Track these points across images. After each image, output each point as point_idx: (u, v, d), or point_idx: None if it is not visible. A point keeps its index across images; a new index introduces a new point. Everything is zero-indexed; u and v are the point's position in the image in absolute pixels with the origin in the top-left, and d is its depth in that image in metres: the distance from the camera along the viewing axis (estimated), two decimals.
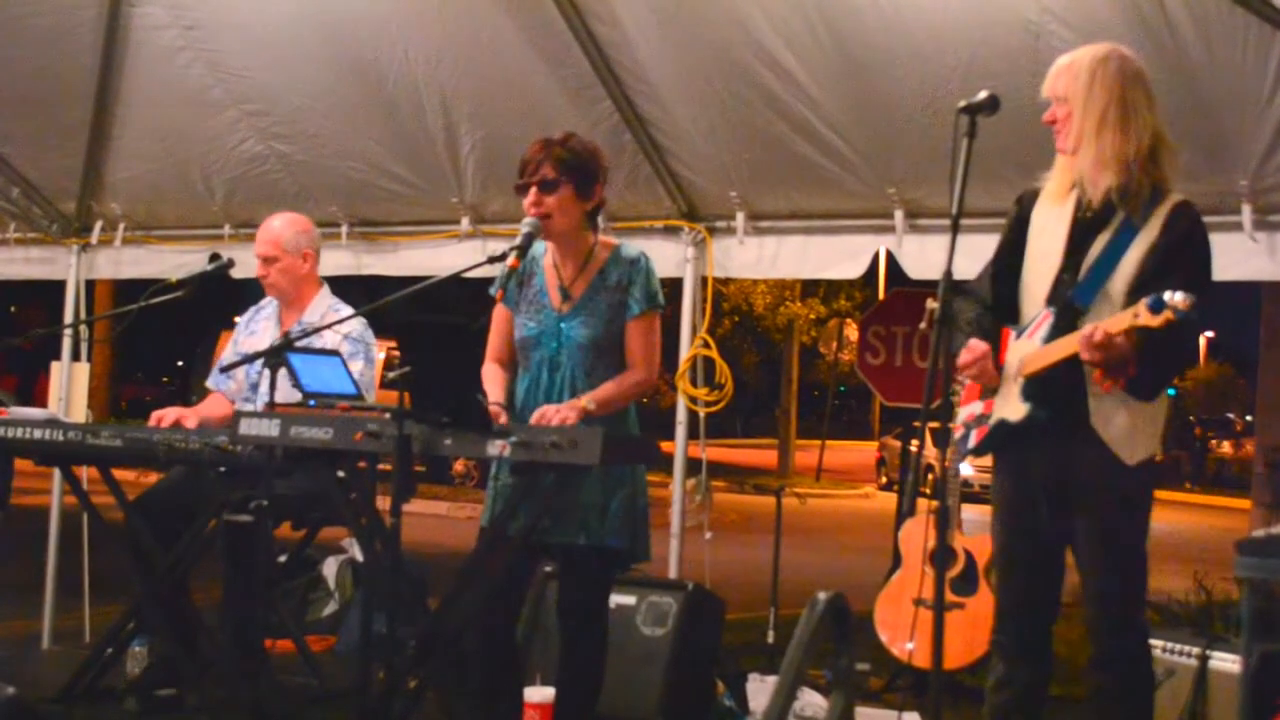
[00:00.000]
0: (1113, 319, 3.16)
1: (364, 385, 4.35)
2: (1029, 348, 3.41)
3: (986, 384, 3.54)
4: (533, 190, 3.76)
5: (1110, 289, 3.32)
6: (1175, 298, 3.00)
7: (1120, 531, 3.38)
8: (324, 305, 4.92)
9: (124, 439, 4.48)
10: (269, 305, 5.06)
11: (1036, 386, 3.37)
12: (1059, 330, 3.33)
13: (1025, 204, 3.58)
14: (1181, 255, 3.30)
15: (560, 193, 3.77)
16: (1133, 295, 3.23)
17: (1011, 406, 3.43)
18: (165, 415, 4.75)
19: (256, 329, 5.02)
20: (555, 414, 3.64)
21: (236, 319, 5.25)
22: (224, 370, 4.81)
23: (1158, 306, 3.01)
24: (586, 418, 3.66)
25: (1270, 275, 4.58)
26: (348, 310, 4.82)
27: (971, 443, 3.60)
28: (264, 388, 4.68)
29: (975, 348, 3.46)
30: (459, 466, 17.26)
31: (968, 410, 3.64)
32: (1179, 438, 32.53)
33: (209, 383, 5.09)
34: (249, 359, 4.36)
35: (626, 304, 3.84)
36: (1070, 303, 3.35)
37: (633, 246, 3.95)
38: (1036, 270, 3.48)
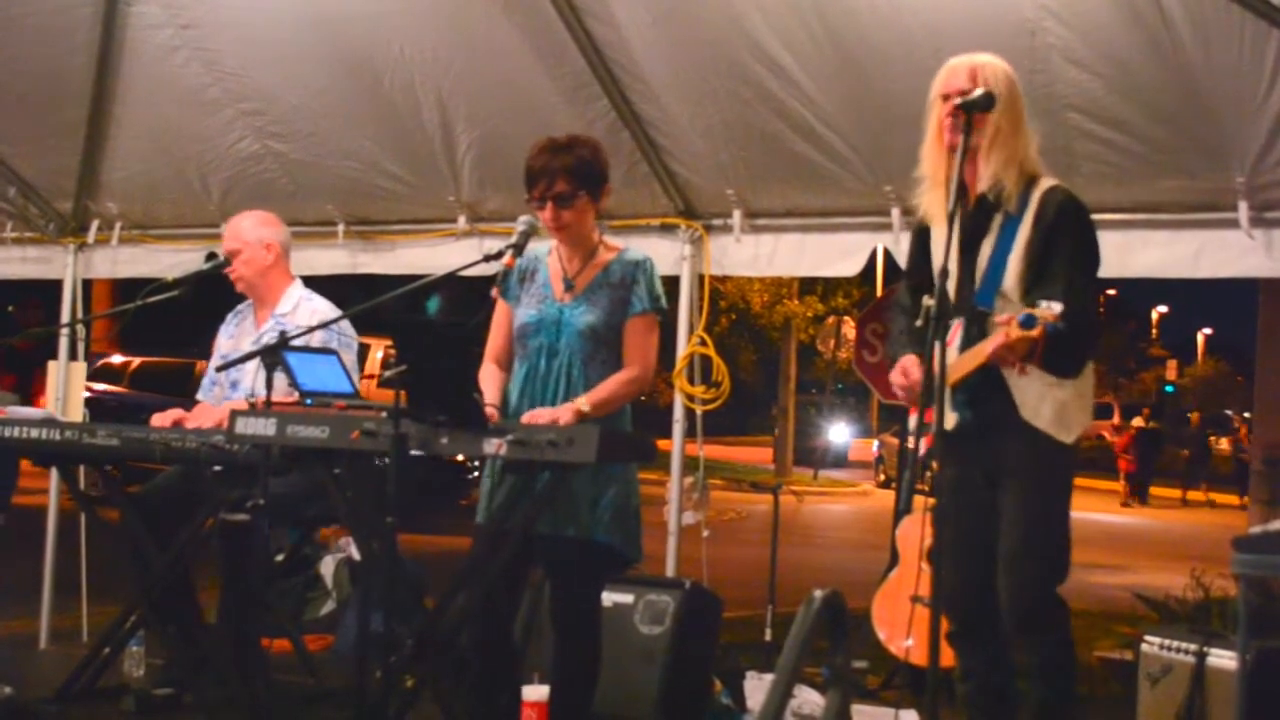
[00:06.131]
0: (990, 340, 3.29)
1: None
2: (951, 357, 3.46)
3: (912, 399, 3.62)
4: (550, 207, 3.77)
5: (1005, 288, 3.46)
6: (1041, 309, 3.11)
7: (1050, 500, 3.53)
8: (296, 296, 4.94)
9: (121, 438, 4.48)
10: (245, 308, 5.09)
11: (964, 393, 3.49)
12: (970, 337, 3.46)
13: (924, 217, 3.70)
14: (1057, 237, 3.42)
15: (577, 204, 3.80)
16: (1025, 287, 3.41)
17: (947, 417, 3.48)
18: (166, 416, 4.75)
19: (234, 333, 5.06)
20: (548, 415, 3.62)
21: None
22: (220, 369, 4.81)
23: (1029, 323, 3.13)
24: (582, 419, 3.64)
25: (1267, 272, 4.59)
26: (321, 301, 4.86)
27: (922, 451, 3.68)
28: (245, 384, 4.70)
29: (905, 364, 3.59)
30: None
31: (913, 420, 3.68)
32: (1180, 436, 32.41)
33: (199, 395, 5.11)
34: (246, 358, 4.35)
35: (629, 300, 3.84)
36: (974, 309, 3.48)
37: (638, 250, 3.97)
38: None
